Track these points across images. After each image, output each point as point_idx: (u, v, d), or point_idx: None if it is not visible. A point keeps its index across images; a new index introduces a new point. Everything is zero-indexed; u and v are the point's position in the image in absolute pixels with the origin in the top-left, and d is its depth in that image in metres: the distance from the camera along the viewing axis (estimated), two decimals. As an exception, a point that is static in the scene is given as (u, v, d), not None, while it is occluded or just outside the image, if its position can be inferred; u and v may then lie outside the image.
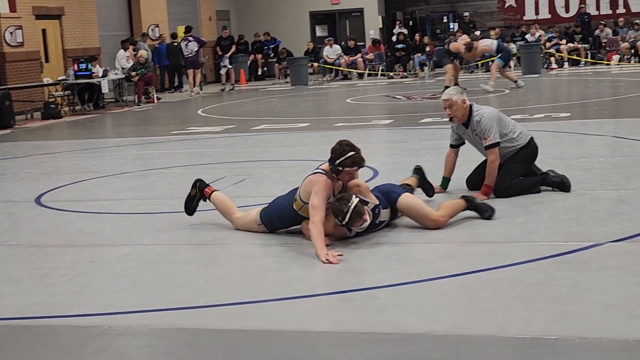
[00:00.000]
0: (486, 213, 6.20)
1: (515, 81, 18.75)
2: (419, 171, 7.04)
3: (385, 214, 5.99)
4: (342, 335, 4.04)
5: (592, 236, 5.55)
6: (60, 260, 5.81)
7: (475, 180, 7.17)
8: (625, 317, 4.00)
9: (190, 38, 23.99)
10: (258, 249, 5.87)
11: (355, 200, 5.60)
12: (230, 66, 26.35)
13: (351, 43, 27.73)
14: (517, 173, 7.00)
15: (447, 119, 7.18)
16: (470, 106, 7.02)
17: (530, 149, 7.10)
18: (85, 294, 4.98)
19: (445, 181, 7.29)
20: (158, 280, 5.16)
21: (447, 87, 19.06)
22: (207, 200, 6.55)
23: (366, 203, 5.76)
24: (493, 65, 19.01)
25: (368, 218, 5.68)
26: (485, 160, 7.08)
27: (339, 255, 5.30)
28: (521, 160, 7.05)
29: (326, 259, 5.22)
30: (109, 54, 23.59)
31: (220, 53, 26.84)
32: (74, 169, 10.62)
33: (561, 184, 6.99)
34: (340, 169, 5.79)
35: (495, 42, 19.22)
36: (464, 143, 7.28)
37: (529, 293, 4.46)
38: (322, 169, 5.92)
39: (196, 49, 23.85)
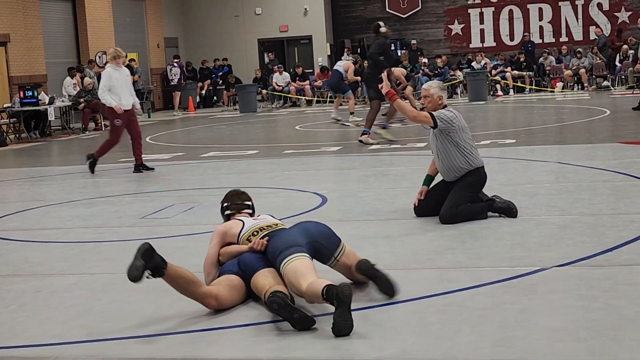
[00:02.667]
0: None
1: (352, 112, 19.47)
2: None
3: None
4: (292, 363, 4.04)
5: (537, 261, 5.63)
6: (5, 291, 5.73)
7: (426, 207, 7.25)
8: (570, 341, 4.06)
9: (174, 64, 26.22)
10: (207, 276, 5.84)
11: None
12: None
13: (299, 70, 27.88)
14: (465, 200, 7.09)
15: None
16: (445, 106, 7.24)
17: (480, 177, 7.21)
18: (31, 324, 4.92)
19: (428, 179, 7.42)
20: (106, 310, 5.11)
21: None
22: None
23: None
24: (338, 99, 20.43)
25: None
26: (436, 186, 7.25)
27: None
28: (469, 187, 7.14)
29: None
30: (56, 81, 23.38)
31: None
32: (20, 197, 10.49)
33: (507, 210, 7.09)
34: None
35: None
36: None
37: (476, 318, 4.50)
38: None
39: (179, 74, 25.76)
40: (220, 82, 29.64)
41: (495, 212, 7.13)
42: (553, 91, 25.88)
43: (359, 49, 30.58)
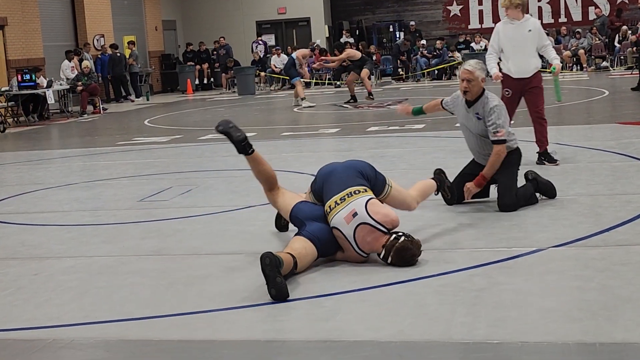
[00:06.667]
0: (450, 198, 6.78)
1: (303, 98, 19.72)
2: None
3: None
4: (288, 344, 4.06)
5: (534, 242, 5.64)
6: (2, 274, 5.73)
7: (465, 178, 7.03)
8: (565, 321, 4.07)
9: (260, 41, 29.03)
10: (204, 258, 5.85)
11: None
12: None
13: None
14: (516, 182, 6.80)
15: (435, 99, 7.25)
16: (484, 90, 6.82)
17: (518, 154, 6.95)
18: (28, 307, 4.92)
19: (418, 110, 7.43)
20: (103, 292, 5.12)
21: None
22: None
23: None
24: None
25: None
26: (468, 167, 7.09)
27: None
28: (514, 165, 6.86)
29: None
30: (54, 65, 23.33)
31: None
32: (18, 181, 10.48)
33: (550, 190, 6.96)
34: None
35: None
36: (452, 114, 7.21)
37: (473, 298, 4.52)
38: None
39: (263, 50, 28.47)
40: (218, 64, 29.56)
41: (537, 192, 6.91)
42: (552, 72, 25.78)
43: (357, 31, 30.52)
